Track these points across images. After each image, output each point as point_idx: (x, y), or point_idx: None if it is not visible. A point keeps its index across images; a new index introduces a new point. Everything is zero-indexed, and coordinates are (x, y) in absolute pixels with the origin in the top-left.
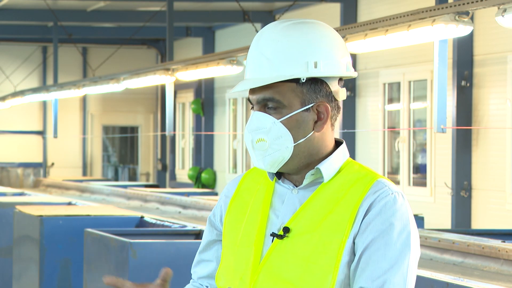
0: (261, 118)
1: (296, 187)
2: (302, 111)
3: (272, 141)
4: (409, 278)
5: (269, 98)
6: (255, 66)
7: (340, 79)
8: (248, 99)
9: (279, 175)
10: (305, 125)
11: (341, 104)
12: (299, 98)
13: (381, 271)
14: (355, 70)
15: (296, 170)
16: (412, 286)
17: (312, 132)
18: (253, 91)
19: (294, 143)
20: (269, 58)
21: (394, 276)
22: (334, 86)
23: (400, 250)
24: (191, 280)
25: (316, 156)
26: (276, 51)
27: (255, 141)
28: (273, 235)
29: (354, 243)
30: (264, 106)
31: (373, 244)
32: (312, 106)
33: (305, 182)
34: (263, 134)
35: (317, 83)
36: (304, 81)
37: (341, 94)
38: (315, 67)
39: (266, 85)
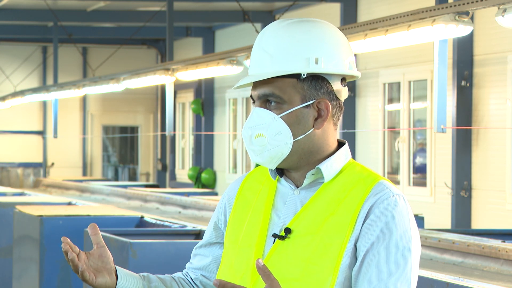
0: (261, 114)
1: (298, 187)
2: (303, 107)
3: (272, 136)
4: (412, 282)
5: (269, 94)
6: (257, 62)
7: (343, 78)
8: (251, 96)
9: (280, 173)
10: (305, 121)
11: (342, 104)
12: (299, 94)
13: (383, 275)
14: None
15: (296, 167)
16: None
17: (312, 129)
18: (255, 87)
19: (294, 139)
20: (271, 54)
21: (396, 281)
22: (336, 85)
23: (402, 254)
24: (183, 270)
25: (317, 155)
26: (278, 47)
27: (254, 136)
28: (275, 236)
29: (355, 246)
30: (265, 102)
31: (374, 247)
32: (312, 103)
33: (305, 182)
34: (262, 129)
35: (318, 80)
36: (304, 76)
37: (344, 93)
38: (316, 63)
39: (268, 80)
